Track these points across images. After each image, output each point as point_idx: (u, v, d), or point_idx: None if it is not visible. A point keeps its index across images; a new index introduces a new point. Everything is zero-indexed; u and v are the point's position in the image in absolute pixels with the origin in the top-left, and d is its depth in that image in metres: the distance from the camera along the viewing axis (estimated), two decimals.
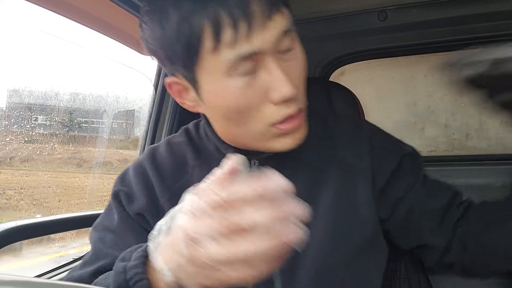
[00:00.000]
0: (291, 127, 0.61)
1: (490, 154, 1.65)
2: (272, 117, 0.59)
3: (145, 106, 1.39)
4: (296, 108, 0.60)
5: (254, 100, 0.59)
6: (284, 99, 0.58)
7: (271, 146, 0.64)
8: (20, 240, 0.89)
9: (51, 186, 1.56)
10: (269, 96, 0.58)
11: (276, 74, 0.57)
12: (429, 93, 1.72)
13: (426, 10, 1.30)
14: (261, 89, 0.58)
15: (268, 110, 0.59)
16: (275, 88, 0.57)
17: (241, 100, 0.58)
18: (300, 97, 0.61)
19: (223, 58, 0.56)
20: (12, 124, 1.24)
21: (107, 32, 1.14)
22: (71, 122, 1.49)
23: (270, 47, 0.56)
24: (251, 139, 0.64)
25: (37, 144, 1.36)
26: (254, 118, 0.60)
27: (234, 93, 0.58)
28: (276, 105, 0.59)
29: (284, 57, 0.59)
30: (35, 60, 1.26)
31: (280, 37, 0.57)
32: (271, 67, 0.57)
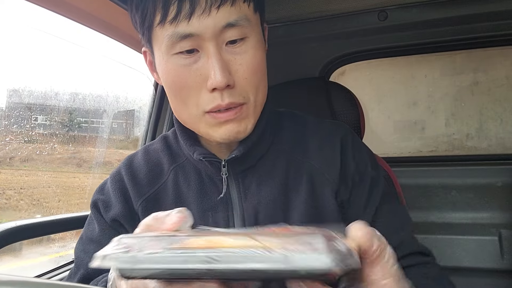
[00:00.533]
0: (223, 117, 0.62)
1: (490, 154, 1.65)
2: (205, 104, 0.62)
3: (145, 106, 1.39)
4: (230, 100, 0.61)
5: (191, 83, 0.62)
6: (214, 87, 0.60)
7: (210, 134, 0.65)
8: (20, 240, 0.89)
9: (51, 186, 1.56)
10: (205, 83, 0.61)
11: (212, 62, 0.59)
12: (430, 93, 1.72)
13: (426, 10, 1.30)
14: (199, 74, 0.61)
15: (203, 96, 0.62)
16: (210, 75, 0.60)
17: (179, 79, 0.62)
18: (241, 91, 0.63)
19: (166, 33, 0.60)
20: (12, 124, 1.24)
21: (106, 31, 1.14)
22: (71, 122, 1.48)
23: (210, 34, 0.59)
24: (194, 123, 0.66)
25: (37, 144, 1.36)
26: (191, 101, 0.63)
27: (173, 71, 0.62)
28: (210, 93, 0.61)
29: (230, 49, 0.62)
30: (35, 60, 1.26)
31: (223, 28, 0.60)
32: (209, 54, 0.60)
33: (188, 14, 0.58)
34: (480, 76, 1.66)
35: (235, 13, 0.60)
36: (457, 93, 1.69)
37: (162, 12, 0.60)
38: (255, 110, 0.66)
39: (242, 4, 0.61)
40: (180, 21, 0.59)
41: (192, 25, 0.59)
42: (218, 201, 0.70)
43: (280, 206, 0.69)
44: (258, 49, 0.64)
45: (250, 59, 0.63)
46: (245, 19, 0.61)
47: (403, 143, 1.74)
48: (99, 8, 1.04)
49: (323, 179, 0.70)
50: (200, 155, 0.68)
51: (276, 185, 0.70)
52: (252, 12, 0.63)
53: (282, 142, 0.74)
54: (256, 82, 0.64)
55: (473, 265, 1.49)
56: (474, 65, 1.66)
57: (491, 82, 1.65)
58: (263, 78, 0.66)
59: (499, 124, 1.64)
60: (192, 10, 0.58)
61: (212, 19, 0.59)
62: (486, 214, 1.50)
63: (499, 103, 1.64)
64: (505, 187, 1.50)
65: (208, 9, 0.58)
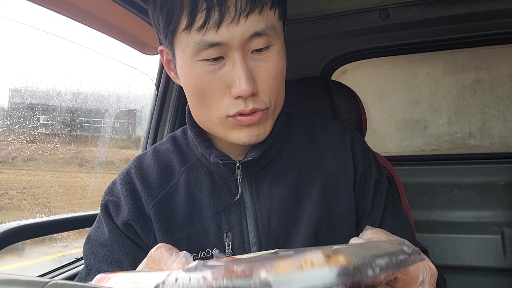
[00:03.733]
0: (246, 121, 0.63)
1: (492, 152, 1.65)
2: (228, 109, 0.62)
3: (147, 106, 1.39)
4: (253, 107, 0.62)
5: (215, 89, 0.62)
6: (239, 96, 0.60)
7: (229, 136, 0.66)
8: (22, 240, 0.89)
9: (53, 186, 1.56)
10: (229, 89, 0.61)
11: (238, 70, 0.60)
12: (432, 91, 1.72)
13: (428, 8, 1.29)
14: (224, 80, 0.61)
15: (226, 102, 0.62)
16: (234, 83, 0.60)
17: (203, 85, 0.62)
18: (264, 97, 0.63)
19: (192, 40, 0.60)
20: (14, 124, 1.24)
21: (108, 31, 1.14)
22: (73, 121, 1.49)
23: (237, 43, 0.59)
24: (213, 124, 0.66)
25: (39, 144, 1.36)
26: (214, 105, 0.63)
27: (198, 76, 0.62)
28: (234, 99, 0.61)
29: (255, 56, 0.62)
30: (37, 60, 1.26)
31: (251, 37, 0.60)
32: (235, 62, 0.60)
33: (217, 23, 0.58)
34: (482, 75, 1.65)
35: (262, 21, 0.60)
36: (460, 91, 1.69)
37: (189, 18, 0.58)
38: (274, 113, 0.67)
39: (268, 12, 0.61)
40: (208, 29, 0.58)
41: (220, 34, 0.58)
42: (232, 202, 0.70)
43: (293, 207, 0.69)
44: (281, 56, 0.65)
45: (273, 66, 0.63)
46: (272, 28, 0.61)
47: (405, 141, 1.74)
48: (101, 8, 1.04)
49: (339, 181, 0.71)
50: (217, 157, 0.68)
51: (288, 186, 0.70)
52: (277, 19, 0.63)
53: (292, 143, 0.75)
54: (277, 86, 0.65)
55: (475, 264, 1.48)
56: (476, 63, 1.65)
57: (494, 81, 1.64)
58: (283, 82, 0.67)
59: (502, 122, 1.63)
60: (221, 19, 0.57)
61: (241, 28, 0.58)
62: (489, 213, 1.50)
63: (502, 101, 1.64)
64: (508, 186, 1.50)
65: (237, 18, 0.58)
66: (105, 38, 1.13)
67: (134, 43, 1.22)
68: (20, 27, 1.09)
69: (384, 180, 0.75)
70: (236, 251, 0.68)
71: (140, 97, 1.53)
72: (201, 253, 0.69)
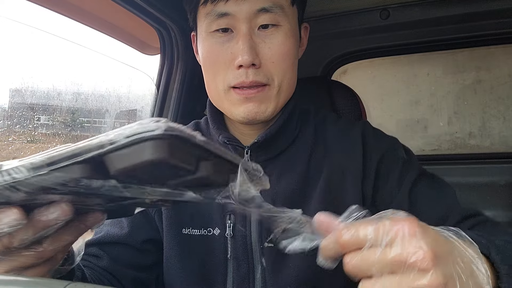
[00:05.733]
0: (245, 93, 0.67)
1: (493, 152, 1.64)
2: (231, 79, 0.67)
3: (147, 106, 1.39)
4: (253, 79, 0.66)
5: (222, 59, 0.67)
6: (240, 65, 0.65)
7: (232, 112, 0.70)
8: None
9: None
10: (234, 60, 0.66)
11: (241, 42, 0.65)
12: (432, 91, 1.71)
13: (429, 8, 1.29)
14: (230, 52, 0.67)
15: (230, 73, 0.67)
16: (237, 53, 0.65)
17: (212, 56, 0.68)
18: (266, 72, 0.67)
19: (206, 12, 0.67)
20: (15, 124, 1.25)
21: (109, 32, 1.14)
22: (73, 121, 1.49)
23: (244, 15, 0.65)
24: (220, 98, 0.71)
25: (40, 144, 1.36)
26: (220, 76, 0.68)
27: (208, 47, 0.68)
28: (237, 70, 0.66)
29: (261, 33, 0.67)
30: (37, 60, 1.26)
31: (258, 12, 0.65)
32: (241, 34, 0.66)
33: None
34: (482, 74, 1.65)
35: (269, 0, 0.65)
36: (460, 91, 1.69)
37: None
38: (278, 95, 0.70)
39: None
40: (219, 0, 0.65)
41: (229, 6, 0.65)
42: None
43: (298, 199, 0.70)
44: (289, 38, 0.69)
45: (279, 44, 0.68)
46: (279, 7, 0.67)
47: (405, 141, 1.72)
48: (102, 8, 1.04)
49: (345, 173, 0.72)
50: (224, 138, 0.72)
51: (295, 178, 0.71)
52: (289, 3, 0.69)
53: (305, 137, 0.76)
54: (283, 67, 0.69)
55: None
56: (476, 63, 1.65)
57: (494, 80, 1.64)
58: (290, 66, 0.70)
59: (502, 122, 1.63)
60: None
61: (248, 2, 0.64)
62: (489, 213, 1.49)
63: (502, 101, 1.64)
64: (508, 186, 1.50)
65: None
66: (105, 38, 1.13)
67: (134, 43, 1.22)
68: (21, 27, 1.09)
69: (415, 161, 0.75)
70: (237, 233, 0.70)
71: (141, 97, 1.53)
72: (202, 231, 0.71)
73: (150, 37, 1.23)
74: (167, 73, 1.28)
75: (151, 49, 1.28)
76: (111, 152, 0.30)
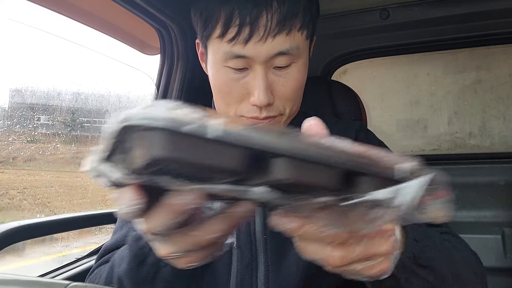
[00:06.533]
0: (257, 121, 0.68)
1: (493, 152, 1.64)
2: (244, 112, 0.69)
3: None
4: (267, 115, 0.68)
5: (236, 94, 0.68)
6: (255, 104, 0.66)
7: None
8: (23, 240, 0.89)
9: (53, 186, 1.57)
10: (248, 96, 0.67)
11: (259, 82, 0.65)
12: (432, 91, 1.71)
13: (429, 8, 1.29)
14: (245, 88, 0.67)
15: (244, 106, 0.68)
16: (253, 92, 0.66)
17: (226, 88, 0.68)
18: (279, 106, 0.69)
19: (222, 48, 0.65)
20: (15, 124, 1.25)
21: (109, 31, 1.14)
22: (73, 121, 1.49)
23: (261, 59, 0.64)
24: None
25: (40, 144, 1.36)
26: (232, 106, 0.70)
27: (222, 80, 0.68)
28: (251, 106, 0.67)
29: (277, 72, 0.67)
30: (37, 60, 1.26)
31: (275, 55, 0.65)
32: (257, 75, 0.65)
33: (246, 39, 0.63)
34: (483, 74, 1.65)
35: (288, 42, 0.65)
36: (460, 91, 1.69)
37: (222, 29, 0.64)
38: (288, 120, 0.73)
39: (296, 33, 0.66)
40: (237, 43, 0.64)
41: (247, 49, 0.64)
42: None
43: None
44: (302, 71, 0.70)
45: (293, 81, 0.69)
46: (296, 48, 0.66)
47: (405, 141, 1.74)
48: (102, 8, 1.04)
49: None
50: None
51: None
52: (304, 39, 0.68)
53: None
54: (294, 98, 0.71)
55: None
56: (476, 63, 1.65)
57: (494, 80, 1.64)
58: (301, 92, 0.72)
59: (502, 122, 1.63)
60: (250, 36, 0.63)
61: (267, 46, 0.63)
62: (489, 213, 1.50)
63: (502, 101, 1.64)
64: (508, 186, 1.50)
65: (265, 37, 0.63)
66: (105, 38, 1.13)
67: (134, 43, 1.22)
68: (21, 27, 1.09)
69: None
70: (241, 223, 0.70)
71: (141, 97, 1.53)
72: None
73: (150, 37, 1.23)
74: (167, 73, 1.28)
75: (151, 49, 1.28)
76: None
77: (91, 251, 1.09)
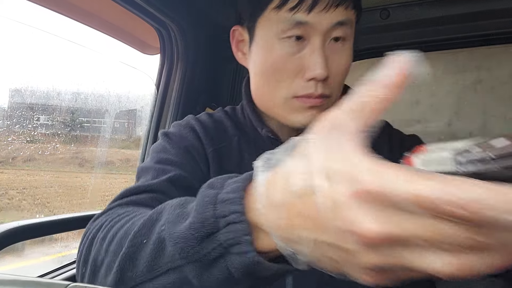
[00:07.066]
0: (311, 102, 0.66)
1: None
2: (298, 90, 0.66)
3: (147, 106, 1.39)
4: (322, 92, 0.66)
5: (290, 69, 0.66)
6: (312, 78, 0.64)
7: (287, 118, 0.69)
8: (22, 240, 0.89)
9: (53, 186, 1.56)
10: (304, 71, 0.65)
11: (316, 55, 0.64)
12: (432, 91, 1.71)
13: (429, 7, 1.29)
14: (300, 63, 0.65)
15: (297, 83, 0.66)
16: (310, 66, 0.64)
17: (279, 64, 0.66)
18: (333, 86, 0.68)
19: (281, 18, 0.64)
20: (14, 124, 1.24)
21: (109, 31, 1.14)
22: (73, 121, 1.49)
23: (322, 28, 0.64)
24: (274, 104, 0.70)
25: (39, 144, 1.36)
26: (283, 84, 0.67)
27: (277, 55, 0.66)
28: (306, 81, 0.65)
29: (332, 46, 0.67)
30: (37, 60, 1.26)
31: (334, 25, 0.64)
32: (315, 47, 0.64)
33: (309, 7, 0.63)
34: (483, 74, 1.65)
35: (345, 15, 0.65)
36: (460, 91, 1.68)
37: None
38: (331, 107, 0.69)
39: (350, 10, 0.67)
40: (299, 11, 0.63)
41: (310, 17, 0.63)
42: None
43: None
44: (350, 54, 0.71)
45: (344, 59, 0.69)
46: (350, 22, 0.67)
47: None
48: (102, 8, 1.04)
49: None
50: (268, 132, 0.72)
51: None
52: (354, 19, 0.69)
53: None
54: (341, 82, 0.71)
55: None
56: (477, 63, 1.65)
57: (495, 80, 1.64)
58: (345, 78, 0.72)
59: (503, 122, 1.63)
60: (314, 5, 0.62)
61: (329, 15, 0.64)
62: None
63: (503, 101, 1.64)
64: None
65: (328, 6, 0.63)
66: (105, 38, 1.13)
67: (134, 43, 1.22)
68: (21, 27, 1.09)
69: None
70: None
71: (140, 97, 1.53)
72: None
73: (150, 37, 1.23)
74: (167, 73, 1.27)
75: (151, 49, 1.28)
76: None
77: None
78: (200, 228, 0.36)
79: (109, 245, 0.46)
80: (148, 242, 0.41)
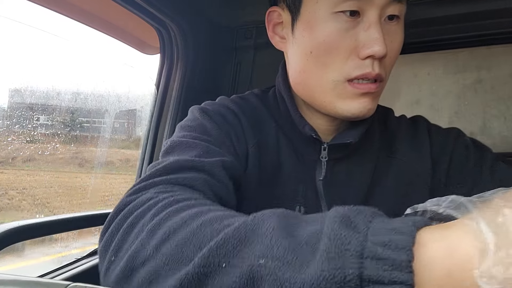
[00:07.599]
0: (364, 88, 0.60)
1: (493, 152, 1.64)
2: (352, 70, 0.60)
3: (147, 106, 1.39)
4: (379, 72, 0.59)
5: (343, 47, 0.59)
6: (371, 55, 0.58)
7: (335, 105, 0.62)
8: (22, 240, 0.89)
9: (53, 186, 1.56)
10: (358, 49, 0.59)
11: (374, 31, 0.58)
12: (432, 91, 1.71)
13: (429, 7, 1.29)
14: (355, 40, 0.59)
15: (351, 62, 0.59)
16: (368, 43, 0.58)
17: (332, 41, 0.59)
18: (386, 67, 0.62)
19: None
20: (14, 124, 1.24)
21: (109, 31, 1.14)
22: (72, 122, 1.48)
23: (379, 1, 0.58)
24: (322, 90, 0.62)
25: (39, 144, 1.36)
26: (336, 65, 0.60)
27: (329, 31, 0.59)
28: (362, 60, 0.59)
29: (386, 25, 0.61)
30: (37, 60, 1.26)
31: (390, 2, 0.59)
32: (372, 23, 0.58)
33: None
34: (483, 74, 1.65)
35: None
36: (460, 91, 1.68)
37: None
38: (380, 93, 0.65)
39: None
40: None
41: None
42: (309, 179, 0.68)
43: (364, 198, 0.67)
44: (402, 36, 0.64)
45: (398, 40, 0.63)
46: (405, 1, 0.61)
47: None
48: (102, 8, 1.04)
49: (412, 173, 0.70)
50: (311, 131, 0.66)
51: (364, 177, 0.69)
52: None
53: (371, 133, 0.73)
54: (392, 64, 0.65)
55: None
56: (477, 63, 1.65)
57: (495, 80, 1.64)
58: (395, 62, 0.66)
59: (503, 122, 1.63)
60: None
61: None
62: None
63: (503, 101, 1.64)
64: None
65: None
66: (105, 37, 1.13)
67: (134, 43, 1.22)
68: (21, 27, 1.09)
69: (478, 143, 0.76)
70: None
71: (140, 97, 1.53)
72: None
73: (150, 37, 1.23)
74: (166, 72, 1.27)
75: (151, 49, 1.28)
76: None
77: (91, 251, 1.09)
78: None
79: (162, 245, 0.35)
80: (231, 269, 0.30)
